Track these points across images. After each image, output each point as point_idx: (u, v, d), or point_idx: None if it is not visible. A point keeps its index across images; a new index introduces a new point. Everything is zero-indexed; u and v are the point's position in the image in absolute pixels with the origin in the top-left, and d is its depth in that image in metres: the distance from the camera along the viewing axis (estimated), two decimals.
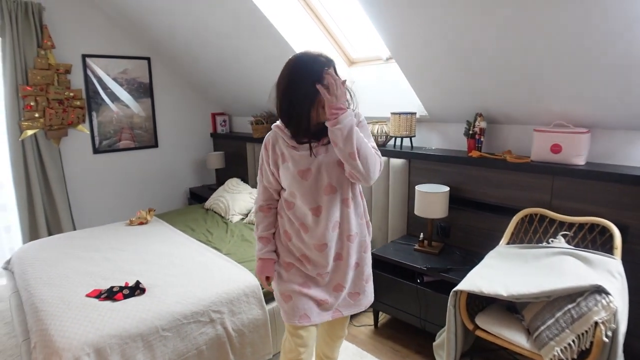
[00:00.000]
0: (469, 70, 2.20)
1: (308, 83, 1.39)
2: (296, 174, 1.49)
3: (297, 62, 1.44)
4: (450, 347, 1.99)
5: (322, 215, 1.52)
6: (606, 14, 1.58)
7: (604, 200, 2.01)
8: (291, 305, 1.58)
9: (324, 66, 1.41)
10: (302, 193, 1.50)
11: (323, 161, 1.50)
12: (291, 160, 1.50)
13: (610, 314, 1.58)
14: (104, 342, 1.79)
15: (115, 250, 2.64)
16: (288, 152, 1.50)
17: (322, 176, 1.50)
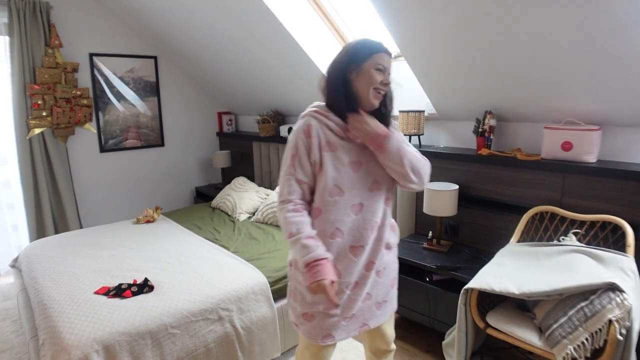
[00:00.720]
0: (478, 68, 2.19)
1: (360, 52, 1.37)
2: (348, 164, 1.39)
3: (348, 45, 1.42)
4: (460, 346, 1.97)
5: (362, 213, 1.41)
6: (616, 10, 1.56)
7: (615, 197, 1.99)
8: (314, 324, 1.46)
9: (374, 49, 1.37)
10: (349, 187, 1.38)
11: (371, 156, 1.43)
12: (342, 150, 1.39)
13: (624, 311, 1.56)
14: (113, 339, 1.78)
15: (123, 248, 2.63)
16: (337, 141, 1.39)
17: (369, 171, 1.42)
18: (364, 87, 1.37)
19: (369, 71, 1.36)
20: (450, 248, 2.49)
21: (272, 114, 3.81)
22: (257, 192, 3.45)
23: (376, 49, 1.37)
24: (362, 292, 1.48)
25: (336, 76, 1.39)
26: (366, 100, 1.39)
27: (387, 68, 1.39)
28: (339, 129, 1.40)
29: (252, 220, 3.20)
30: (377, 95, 1.39)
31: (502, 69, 2.12)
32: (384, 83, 1.38)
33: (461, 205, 2.49)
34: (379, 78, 1.37)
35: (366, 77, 1.36)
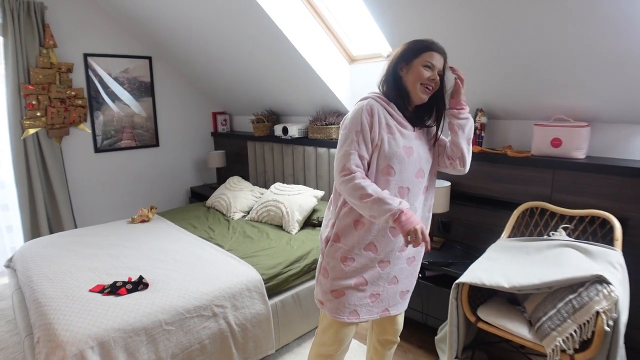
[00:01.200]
0: (469, 66, 2.21)
1: (413, 49, 1.47)
2: (402, 148, 1.48)
3: (404, 44, 1.52)
4: (452, 340, 2.00)
5: (407, 197, 1.51)
6: (603, 9, 1.60)
7: (604, 193, 2.03)
8: (342, 300, 1.54)
9: (424, 47, 1.46)
10: (400, 169, 1.47)
11: (420, 144, 1.55)
12: (397, 133, 1.48)
13: (611, 303, 1.59)
14: (108, 335, 1.79)
15: (118, 247, 2.64)
16: (394, 125, 1.49)
17: (417, 159, 1.52)
18: (412, 83, 1.47)
19: (417, 67, 1.46)
20: (442, 244, 2.52)
21: (267, 114, 3.82)
22: (251, 191, 3.47)
23: (426, 48, 1.47)
24: (391, 273, 1.58)
25: (390, 71, 1.52)
26: (414, 94, 1.48)
27: (436, 66, 1.46)
28: (397, 115, 1.50)
29: (247, 219, 3.21)
30: (424, 91, 1.48)
31: (492, 67, 2.15)
32: (431, 79, 1.46)
33: (453, 202, 2.52)
34: (426, 74, 1.45)
35: (414, 73, 1.46)
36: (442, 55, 1.49)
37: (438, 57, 1.47)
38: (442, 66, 1.49)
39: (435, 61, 1.46)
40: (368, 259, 1.53)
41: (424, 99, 1.50)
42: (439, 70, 1.48)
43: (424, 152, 1.57)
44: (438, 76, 1.49)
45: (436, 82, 1.49)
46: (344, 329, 1.61)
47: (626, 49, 1.71)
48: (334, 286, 1.55)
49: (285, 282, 2.37)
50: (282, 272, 2.37)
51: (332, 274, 1.56)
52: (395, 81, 1.50)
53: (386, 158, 1.46)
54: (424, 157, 1.56)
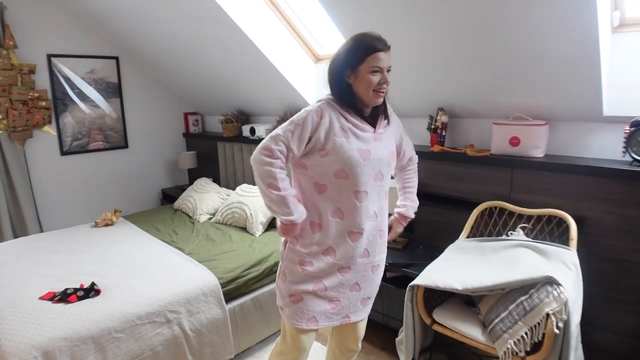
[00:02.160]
0: (428, 66, 2.19)
1: (356, 53, 1.39)
2: (356, 152, 1.42)
3: (345, 45, 1.45)
4: (408, 342, 1.98)
5: (365, 201, 1.46)
6: (556, 10, 1.58)
7: (561, 191, 2.01)
8: (301, 306, 1.50)
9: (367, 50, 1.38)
10: (355, 174, 1.42)
11: (380, 148, 1.49)
12: (352, 136, 1.44)
13: (561, 304, 1.57)
14: (53, 344, 1.74)
15: (77, 252, 2.58)
16: (349, 128, 1.44)
17: (375, 162, 1.47)
18: (364, 91, 1.42)
19: (365, 75, 1.39)
20: (405, 245, 2.49)
21: (237, 114, 3.77)
22: (218, 193, 3.42)
23: (372, 49, 1.38)
24: (352, 279, 1.54)
25: (337, 80, 1.45)
26: (369, 100, 1.44)
27: (384, 67, 1.40)
28: (352, 118, 1.45)
29: (212, 222, 3.16)
30: (378, 95, 1.43)
31: (450, 66, 2.13)
32: (382, 83, 1.41)
33: None
34: (376, 80, 1.39)
35: (364, 82, 1.40)
36: (388, 52, 1.42)
37: (384, 55, 1.40)
38: (390, 62, 1.44)
39: (382, 63, 1.39)
40: (327, 264, 1.49)
41: (380, 102, 1.47)
42: (388, 67, 1.43)
43: (385, 154, 1.51)
44: (388, 74, 1.43)
45: (388, 83, 1.44)
46: (302, 336, 1.56)
47: (581, 48, 1.69)
48: (291, 291, 1.51)
49: (245, 285, 2.33)
50: (240, 275, 2.32)
51: (290, 277, 1.52)
52: (345, 89, 1.44)
53: (339, 162, 1.41)
54: (384, 159, 1.50)
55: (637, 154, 1.84)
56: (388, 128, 1.57)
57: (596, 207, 1.92)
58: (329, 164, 1.43)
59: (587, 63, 1.75)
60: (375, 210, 1.51)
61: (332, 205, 1.46)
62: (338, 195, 1.45)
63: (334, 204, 1.46)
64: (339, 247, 1.48)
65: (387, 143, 1.54)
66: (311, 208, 1.48)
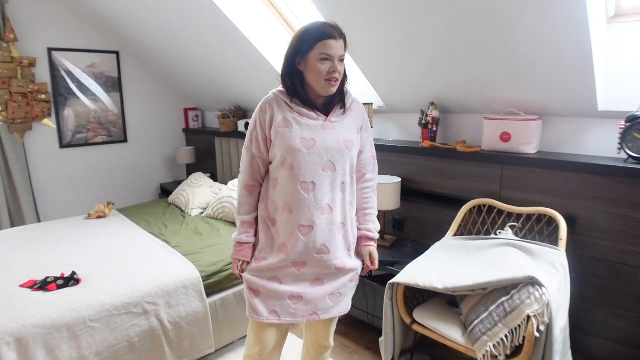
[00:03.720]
0: (419, 60, 2.13)
1: (306, 41, 1.36)
2: (298, 140, 1.38)
3: (296, 34, 1.41)
4: (387, 343, 1.91)
5: (313, 193, 1.40)
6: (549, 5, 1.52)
7: (552, 190, 1.93)
8: (258, 300, 1.48)
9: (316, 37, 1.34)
10: (298, 163, 1.38)
11: (329, 136, 1.42)
12: (295, 126, 1.40)
13: (542, 306, 1.49)
14: (26, 331, 1.74)
15: (65, 243, 2.59)
16: (292, 117, 1.41)
17: (322, 150, 1.41)
18: (315, 80, 1.38)
19: (314, 63, 1.35)
20: (394, 242, 2.42)
21: (234, 110, 3.76)
22: (210, 188, 3.40)
23: (320, 36, 1.34)
24: (311, 274, 1.48)
25: (289, 70, 1.41)
26: (321, 90, 1.39)
27: (334, 55, 1.34)
28: (298, 107, 1.41)
29: (203, 216, 3.14)
30: (330, 84, 1.37)
31: (442, 60, 2.06)
32: (332, 72, 1.35)
33: (406, 199, 2.42)
34: (325, 68, 1.34)
35: (313, 70, 1.36)
36: (340, 40, 1.36)
37: (334, 44, 1.34)
38: (343, 51, 1.38)
39: (332, 50, 1.34)
40: (280, 259, 1.46)
41: (333, 91, 1.41)
42: (340, 56, 1.37)
43: (335, 142, 1.43)
44: (340, 63, 1.38)
45: (340, 73, 1.38)
46: (263, 331, 1.52)
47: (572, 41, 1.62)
48: (250, 284, 1.50)
49: (227, 279, 2.29)
50: (223, 269, 2.29)
51: (248, 271, 1.51)
52: (296, 77, 1.41)
53: (282, 152, 1.40)
54: (334, 148, 1.42)
55: (633, 150, 1.74)
56: (345, 117, 1.49)
57: (589, 206, 1.83)
58: (276, 156, 1.42)
59: (579, 56, 1.67)
60: (328, 202, 1.43)
61: (283, 199, 1.43)
62: (286, 188, 1.42)
63: (284, 197, 1.43)
64: (290, 241, 1.44)
65: (342, 131, 1.46)
66: (270, 204, 1.48)
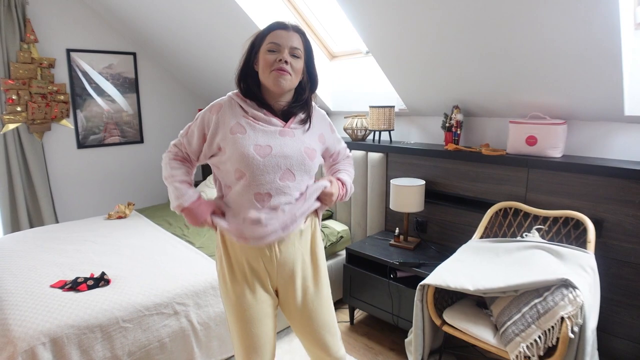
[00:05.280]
0: (444, 63, 2.15)
1: (257, 38, 1.33)
2: (252, 148, 1.26)
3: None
4: (417, 344, 1.94)
5: (268, 204, 1.28)
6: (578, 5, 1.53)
7: (579, 193, 1.95)
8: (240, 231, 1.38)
9: (265, 30, 1.30)
10: (252, 173, 1.26)
11: (287, 143, 1.31)
12: (249, 131, 1.28)
13: (576, 308, 1.52)
14: (61, 331, 1.75)
15: (89, 243, 2.61)
16: (247, 122, 1.30)
17: (280, 159, 1.29)
18: (263, 74, 1.30)
19: (262, 55, 1.29)
20: (417, 245, 2.45)
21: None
22: None
23: (268, 29, 1.30)
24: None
25: (244, 71, 1.35)
26: (272, 85, 1.29)
27: (284, 45, 1.27)
28: (254, 111, 1.31)
29: None
30: (279, 75, 1.27)
31: (468, 63, 2.08)
32: (279, 60, 1.26)
33: (428, 202, 2.45)
34: (271, 58, 1.27)
35: (261, 63, 1.30)
36: (292, 32, 1.29)
37: (284, 33, 1.28)
38: (298, 44, 1.30)
39: (281, 40, 1.27)
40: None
41: (284, 85, 1.28)
42: (292, 48, 1.28)
43: (295, 150, 1.32)
44: (293, 57, 1.29)
45: (293, 66, 1.28)
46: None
47: (602, 45, 1.64)
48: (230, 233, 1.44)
49: None
50: None
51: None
52: (251, 78, 1.34)
53: (234, 159, 1.27)
54: (293, 156, 1.31)
55: None
56: (305, 126, 1.40)
57: (616, 209, 1.86)
58: (228, 163, 1.30)
59: (608, 61, 1.69)
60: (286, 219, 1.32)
61: (236, 206, 1.32)
62: (238, 198, 1.30)
63: (236, 206, 1.32)
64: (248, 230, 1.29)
65: (303, 139, 1.36)
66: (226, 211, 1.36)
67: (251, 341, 1.40)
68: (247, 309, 1.38)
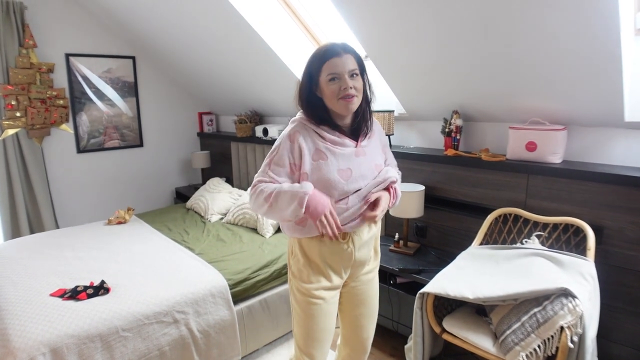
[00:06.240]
0: (443, 68, 2.14)
1: (312, 67, 1.36)
2: (336, 173, 1.36)
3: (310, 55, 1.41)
4: (417, 351, 1.93)
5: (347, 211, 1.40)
6: (578, 9, 1.52)
7: (579, 199, 1.94)
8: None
9: (322, 58, 1.34)
10: (338, 194, 1.37)
11: (363, 163, 1.42)
12: (330, 157, 1.37)
13: (576, 318, 1.51)
14: (61, 342, 1.76)
15: (89, 250, 2.61)
16: (325, 148, 1.38)
17: (360, 179, 1.41)
18: (330, 102, 1.36)
19: (325, 86, 1.34)
20: (417, 250, 2.44)
21: (250, 115, 3.77)
22: (229, 193, 3.42)
23: (323, 58, 1.33)
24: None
25: (307, 97, 1.39)
26: (341, 110, 1.36)
27: (341, 72, 1.32)
28: (329, 135, 1.39)
29: (224, 222, 3.16)
30: (347, 102, 1.34)
31: (467, 68, 2.07)
32: (344, 89, 1.32)
33: (428, 207, 2.44)
34: (336, 88, 1.32)
35: (326, 92, 1.35)
36: (345, 55, 1.33)
37: (339, 61, 1.32)
38: (354, 65, 1.34)
39: (338, 68, 1.32)
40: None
41: (353, 109, 1.37)
42: (351, 71, 1.33)
43: (369, 169, 1.45)
44: (353, 78, 1.34)
45: (356, 87, 1.34)
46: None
47: (602, 50, 1.62)
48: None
49: (253, 287, 2.31)
50: (249, 277, 2.31)
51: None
52: (315, 104, 1.39)
53: (320, 185, 1.36)
54: (367, 174, 1.44)
55: None
56: (371, 139, 1.50)
57: (617, 216, 1.85)
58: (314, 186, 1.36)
59: (609, 66, 1.68)
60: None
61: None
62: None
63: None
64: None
65: (372, 156, 1.48)
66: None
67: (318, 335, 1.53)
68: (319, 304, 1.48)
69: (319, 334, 1.52)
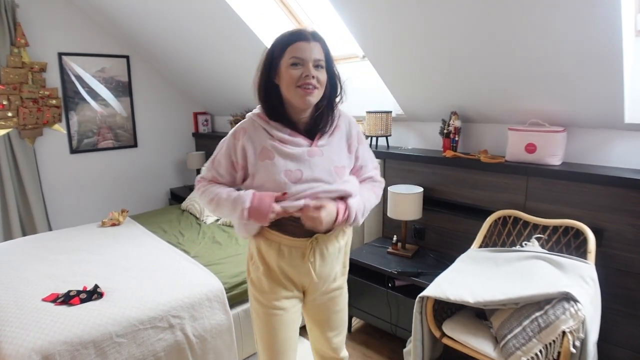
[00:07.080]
0: (441, 68, 2.12)
1: (275, 49, 1.25)
2: (282, 174, 1.24)
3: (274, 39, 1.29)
4: (416, 355, 1.91)
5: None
6: (577, 11, 1.50)
7: (579, 201, 1.93)
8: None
9: (285, 42, 1.22)
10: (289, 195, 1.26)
11: (317, 164, 1.27)
12: (277, 156, 1.25)
13: (578, 322, 1.50)
14: (53, 348, 1.72)
15: (82, 252, 2.56)
16: (272, 146, 1.26)
17: (312, 183, 1.26)
18: (287, 90, 1.24)
19: (285, 71, 1.22)
20: (415, 252, 2.42)
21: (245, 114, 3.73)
22: None
23: (288, 40, 1.22)
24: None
25: (264, 86, 1.29)
26: (298, 102, 1.24)
27: (307, 58, 1.20)
28: (279, 134, 1.27)
29: (219, 223, 3.13)
30: (306, 92, 1.21)
31: (466, 68, 2.05)
32: (305, 76, 1.20)
33: (427, 209, 2.42)
34: (295, 74, 1.20)
35: (285, 78, 1.23)
36: (313, 42, 1.21)
37: (306, 46, 1.20)
38: (320, 54, 1.23)
39: (303, 53, 1.19)
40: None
41: (312, 101, 1.24)
42: (316, 60, 1.21)
43: (325, 172, 1.28)
44: (317, 69, 1.22)
45: (319, 79, 1.22)
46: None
47: (602, 52, 1.61)
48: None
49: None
50: (246, 280, 2.27)
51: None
52: (271, 94, 1.27)
53: (265, 188, 1.25)
54: (323, 178, 1.28)
55: None
56: (332, 137, 1.34)
57: (616, 218, 1.84)
58: (261, 189, 1.27)
59: (609, 68, 1.66)
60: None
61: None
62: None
63: None
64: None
65: (331, 156, 1.31)
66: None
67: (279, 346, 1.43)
68: (279, 314, 1.39)
69: (281, 346, 1.41)
